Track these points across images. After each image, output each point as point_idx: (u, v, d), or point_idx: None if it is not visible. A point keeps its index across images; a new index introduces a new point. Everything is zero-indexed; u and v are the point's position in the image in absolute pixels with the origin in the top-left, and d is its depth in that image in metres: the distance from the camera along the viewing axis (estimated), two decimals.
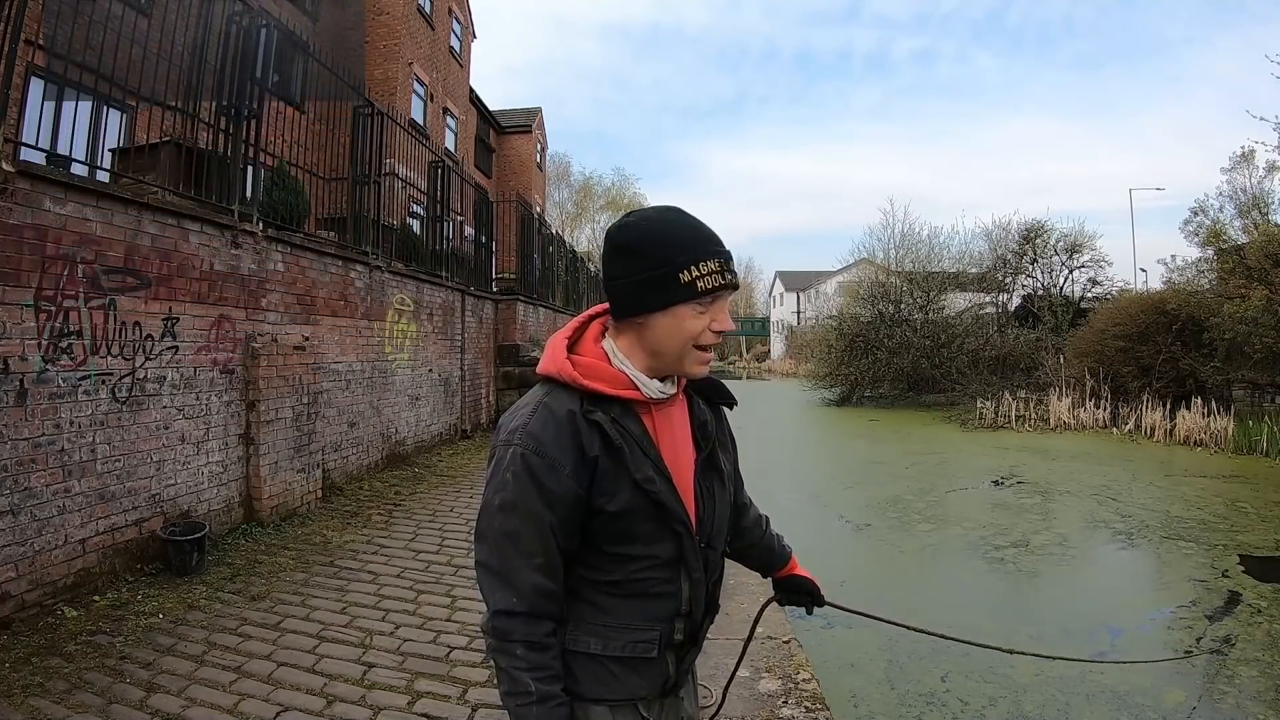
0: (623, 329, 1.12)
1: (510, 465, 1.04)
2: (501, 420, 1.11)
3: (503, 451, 1.06)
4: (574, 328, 1.17)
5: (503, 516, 1.04)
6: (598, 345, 1.13)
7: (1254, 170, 21.75)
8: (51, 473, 3.49)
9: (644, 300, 1.07)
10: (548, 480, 1.03)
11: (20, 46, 3.41)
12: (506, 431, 1.07)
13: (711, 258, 1.07)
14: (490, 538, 1.06)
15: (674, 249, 1.06)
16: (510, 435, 1.06)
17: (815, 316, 33.92)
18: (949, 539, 6.69)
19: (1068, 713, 3.51)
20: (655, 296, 1.06)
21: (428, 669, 3.01)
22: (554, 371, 1.09)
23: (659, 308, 1.07)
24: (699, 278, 1.05)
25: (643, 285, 1.06)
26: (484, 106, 23.87)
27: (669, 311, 1.07)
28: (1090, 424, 13.97)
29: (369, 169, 7.25)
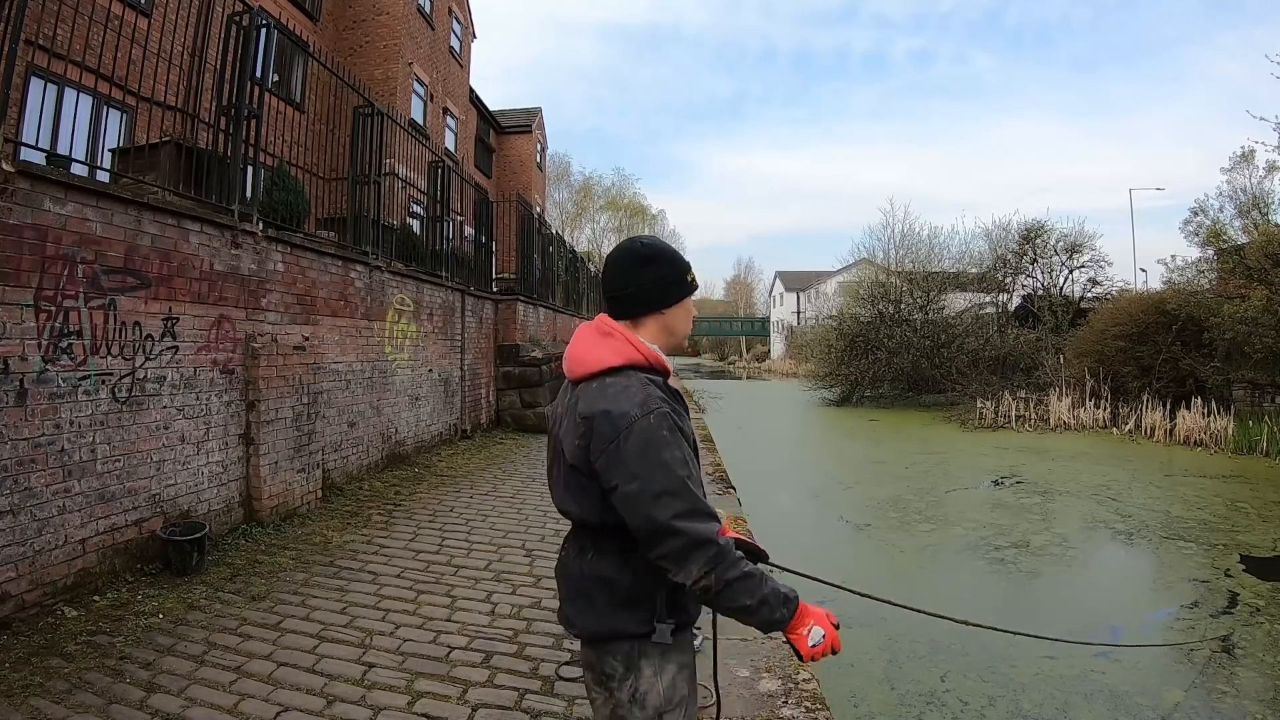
0: (645, 322, 1.48)
1: (660, 426, 1.31)
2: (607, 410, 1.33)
3: (645, 423, 1.30)
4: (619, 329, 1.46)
5: (682, 469, 1.31)
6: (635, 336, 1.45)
7: (1254, 170, 21.79)
8: (51, 473, 3.49)
9: (669, 295, 1.48)
10: (685, 428, 1.38)
11: (20, 46, 3.40)
12: (633, 408, 1.32)
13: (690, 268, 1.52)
14: (676, 468, 1.30)
15: (680, 260, 1.51)
16: (643, 408, 1.32)
17: (815, 316, 33.94)
18: (949, 539, 6.69)
19: (1066, 711, 3.51)
20: (677, 292, 1.49)
21: (428, 669, 3.01)
22: (639, 359, 1.41)
23: (678, 300, 1.49)
24: (691, 280, 1.52)
25: (671, 285, 1.48)
26: (484, 106, 23.87)
27: (683, 303, 1.51)
28: (1090, 424, 13.97)
29: (369, 169, 7.25)
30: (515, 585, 4.06)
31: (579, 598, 1.47)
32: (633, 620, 1.41)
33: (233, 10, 5.12)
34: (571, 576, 1.49)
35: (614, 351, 1.40)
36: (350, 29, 15.21)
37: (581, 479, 1.40)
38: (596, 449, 1.33)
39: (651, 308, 1.46)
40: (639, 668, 1.41)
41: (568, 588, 1.51)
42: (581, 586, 1.46)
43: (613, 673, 1.43)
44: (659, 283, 1.46)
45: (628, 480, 1.29)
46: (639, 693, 1.40)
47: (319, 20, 14.35)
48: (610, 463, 1.31)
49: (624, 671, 1.42)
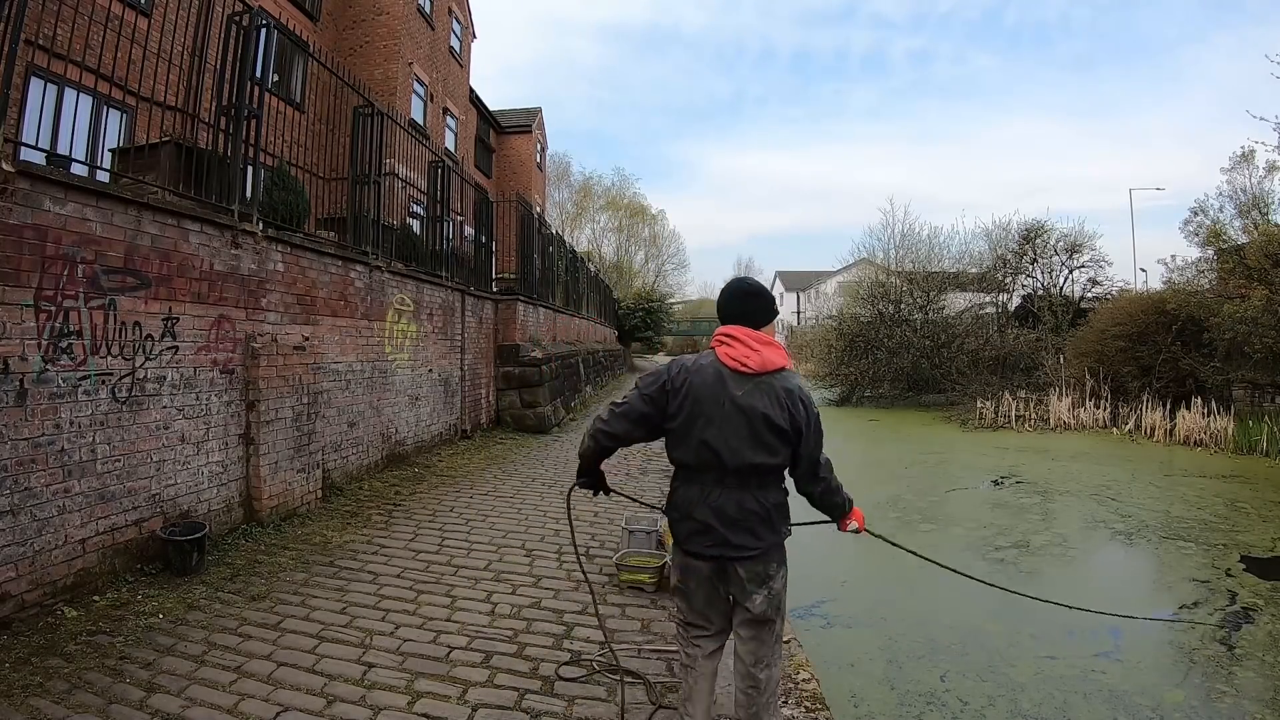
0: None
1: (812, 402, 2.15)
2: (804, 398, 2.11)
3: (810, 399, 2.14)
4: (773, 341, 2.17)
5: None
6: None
7: (1254, 170, 21.78)
8: (51, 473, 3.49)
9: (771, 317, 2.22)
10: None
11: (20, 46, 3.40)
12: (803, 392, 2.13)
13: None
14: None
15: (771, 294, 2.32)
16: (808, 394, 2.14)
17: (815, 316, 33.93)
18: (949, 539, 6.69)
19: (1066, 711, 3.51)
20: (774, 312, 2.28)
21: (428, 669, 3.01)
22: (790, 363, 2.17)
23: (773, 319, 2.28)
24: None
25: (773, 312, 2.27)
26: (484, 106, 23.86)
27: (772, 323, 2.28)
28: (1090, 424, 13.97)
29: (369, 169, 7.25)
30: (515, 585, 4.06)
31: (760, 524, 2.09)
32: (785, 530, 2.17)
33: (233, 10, 5.12)
34: (752, 511, 2.08)
35: (783, 356, 2.14)
36: (350, 29, 15.20)
37: (782, 436, 2.07)
38: (801, 419, 2.08)
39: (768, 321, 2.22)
40: (783, 562, 2.17)
41: (741, 522, 2.08)
42: (762, 514, 2.09)
43: (773, 572, 2.12)
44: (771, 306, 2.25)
45: (815, 436, 2.14)
46: (784, 579, 2.18)
47: (319, 20, 14.35)
48: (812, 424, 2.11)
49: (777, 567, 2.14)
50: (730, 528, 2.06)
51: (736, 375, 2.08)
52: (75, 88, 5.39)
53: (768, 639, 2.14)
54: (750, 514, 2.07)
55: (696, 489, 2.12)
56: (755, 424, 2.04)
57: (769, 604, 2.10)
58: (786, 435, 2.06)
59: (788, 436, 2.06)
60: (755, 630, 2.14)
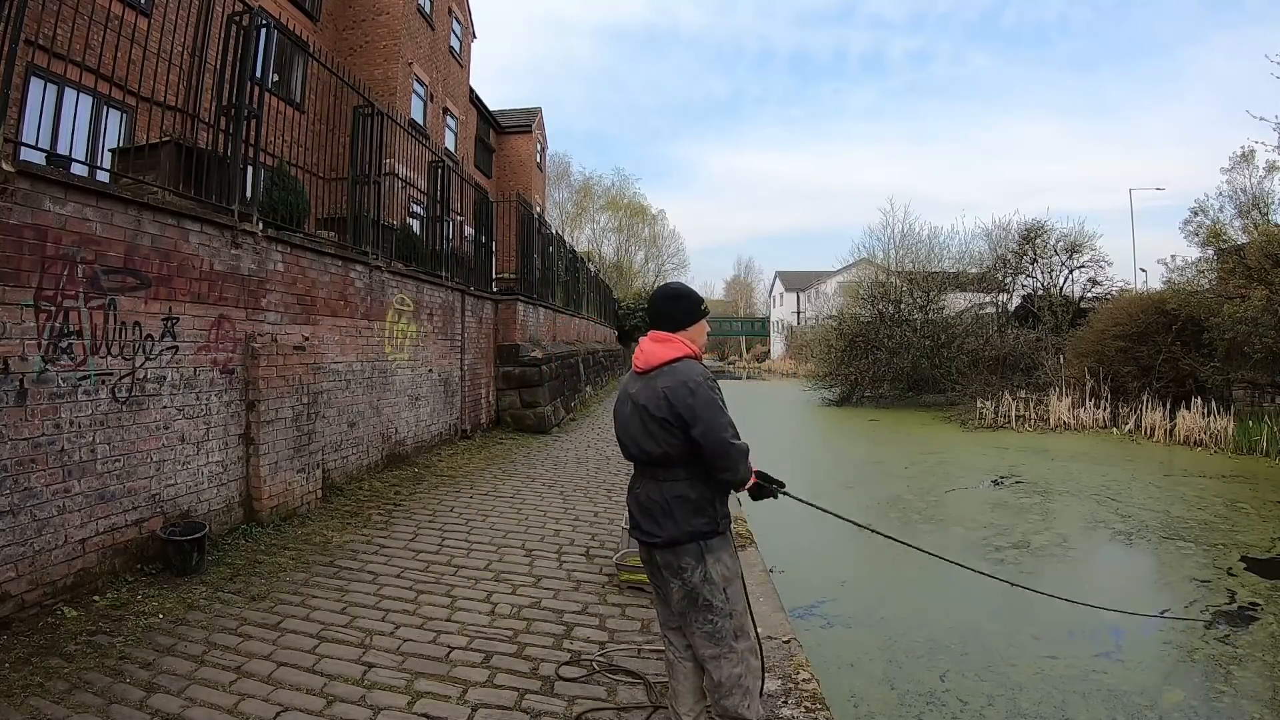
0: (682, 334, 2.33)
1: (710, 385, 2.20)
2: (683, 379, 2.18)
3: (705, 383, 2.19)
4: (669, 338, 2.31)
5: (721, 402, 2.19)
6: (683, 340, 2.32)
7: (1254, 170, 21.80)
8: (51, 473, 3.49)
9: (692, 317, 2.36)
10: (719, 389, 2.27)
11: (20, 46, 3.40)
12: (699, 376, 2.20)
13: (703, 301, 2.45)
14: (724, 411, 2.18)
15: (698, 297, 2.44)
16: (701, 377, 2.20)
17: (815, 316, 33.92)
18: (950, 539, 6.69)
19: (1064, 711, 3.51)
20: (697, 314, 2.38)
21: (428, 669, 3.01)
22: (689, 352, 2.29)
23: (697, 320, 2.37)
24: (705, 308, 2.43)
25: (694, 311, 2.37)
26: (484, 106, 23.86)
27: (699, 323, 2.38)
28: (1090, 424, 13.97)
29: (369, 169, 7.25)
30: (515, 585, 4.06)
31: (662, 515, 2.20)
32: (703, 522, 2.20)
33: (233, 10, 5.12)
34: (654, 500, 2.22)
35: (675, 349, 2.28)
36: (350, 29, 15.21)
37: (664, 426, 2.17)
38: (680, 404, 2.14)
39: (682, 324, 2.34)
40: (704, 557, 2.19)
41: (648, 510, 2.24)
42: (662, 504, 2.20)
43: (686, 565, 2.18)
44: (688, 308, 2.36)
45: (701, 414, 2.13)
46: (707, 575, 2.18)
47: (319, 20, 14.35)
48: (696, 408, 2.13)
49: (693, 561, 2.19)
50: (642, 515, 2.28)
51: (634, 376, 2.37)
52: (75, 88, 5.39)
53: (697, 630, 2.22)
54: (654, 503, 2.24)
55: (632, 481, 2.42)
56: (643, 417, 2.24)
57: (686, 595, 2.20)
58: (669, 425, 2.18)
59: (670, 427, 2.18)
60: (682, 620, 2.27)
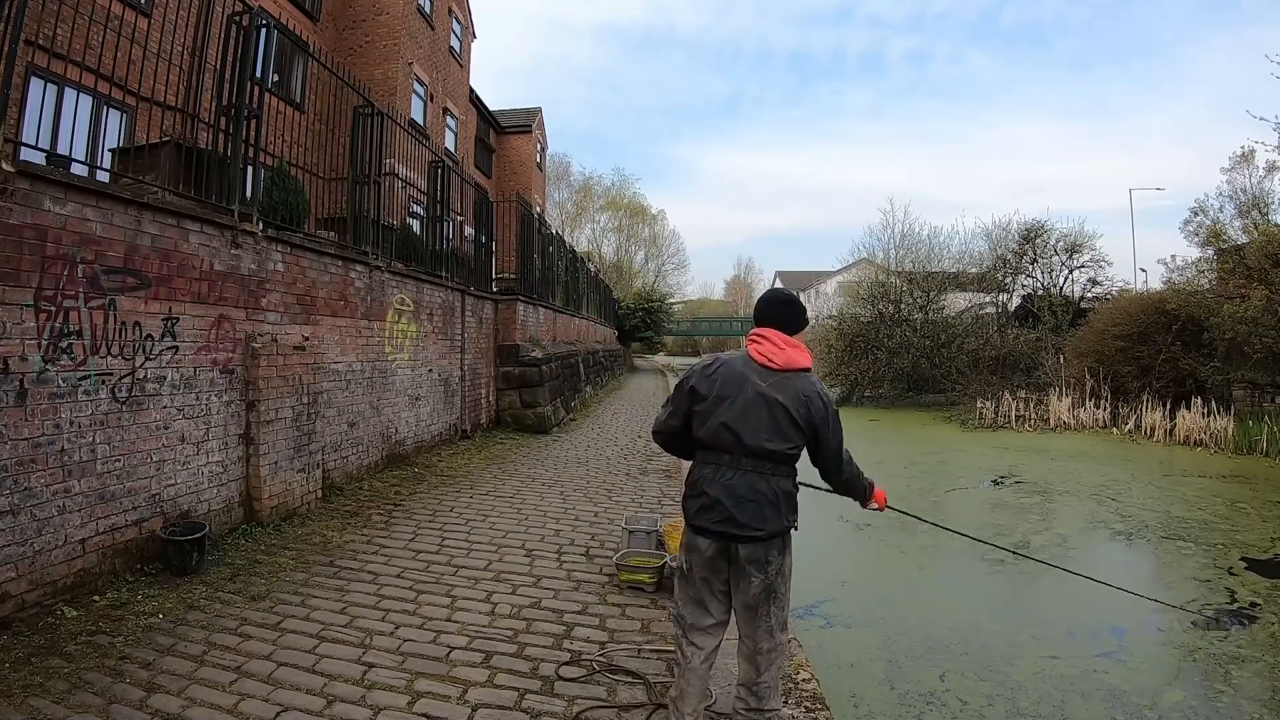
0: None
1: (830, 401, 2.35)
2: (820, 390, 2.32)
3: (828, 398, 2.34)
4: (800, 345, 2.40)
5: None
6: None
7: (1254, 170, 21.78)
8: (51, 473, 3.49)
9: (802, 326, 2.46)
10: None
11: (20, 46, 3.40)
12: (822, 392, 2.33)
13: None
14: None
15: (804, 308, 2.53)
16: (827, 394, 2.35)
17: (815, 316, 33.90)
18: (950, 540, 6.68)
19: (1063, 710, 3.51)
20: (804, 324, 2.48)
21: (428, 669, 3.01)
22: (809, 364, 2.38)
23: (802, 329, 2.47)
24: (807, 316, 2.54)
25: (804, 321, 2.48)
26: (484, 106, 23.86)
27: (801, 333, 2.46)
28: (1090, 424, 13.97)
29: (369, 169, 7.24)
30: (515, 585, 4.06)
31: (767, 506, 2.23)
32: (794, 519, 2.31)
33: (233, 10, 5.12)
34: (761, 493, 2.24)
35: (807, 359, 2.37)
36: (350, 29, 15.21)
37: (796, 427, 2.25)
38: (818, 416, 2.28)
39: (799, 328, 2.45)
40: (786, 550, 2.30)
41: (749, 502, 2.23)
42: (770, 498, 2.24)
43: (771, 559, 2.24)
44: (800, 316, 2.47)
45: (834, 431, 2.33)
46: (784, 569, 2.28)
47: (319, 20, 14.35)
48: (830, 421, 2.30)
49: (778, 555, 2.26)
50: (738, 506, 2.22)
51: (762, 369, 2.31)
52: (75, 88, 5.39)
53: (763, 624, 2.25)
54: (760, 495, 2.22)
55: (711, 468, 2.30)
56: (774, 413, 2.24)
57: (763, 589, 2.23)
58: (800, 428, 2.25)
59: (801, 430, 2.26)
60: (750, 615, 2.27)
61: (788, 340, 2.36)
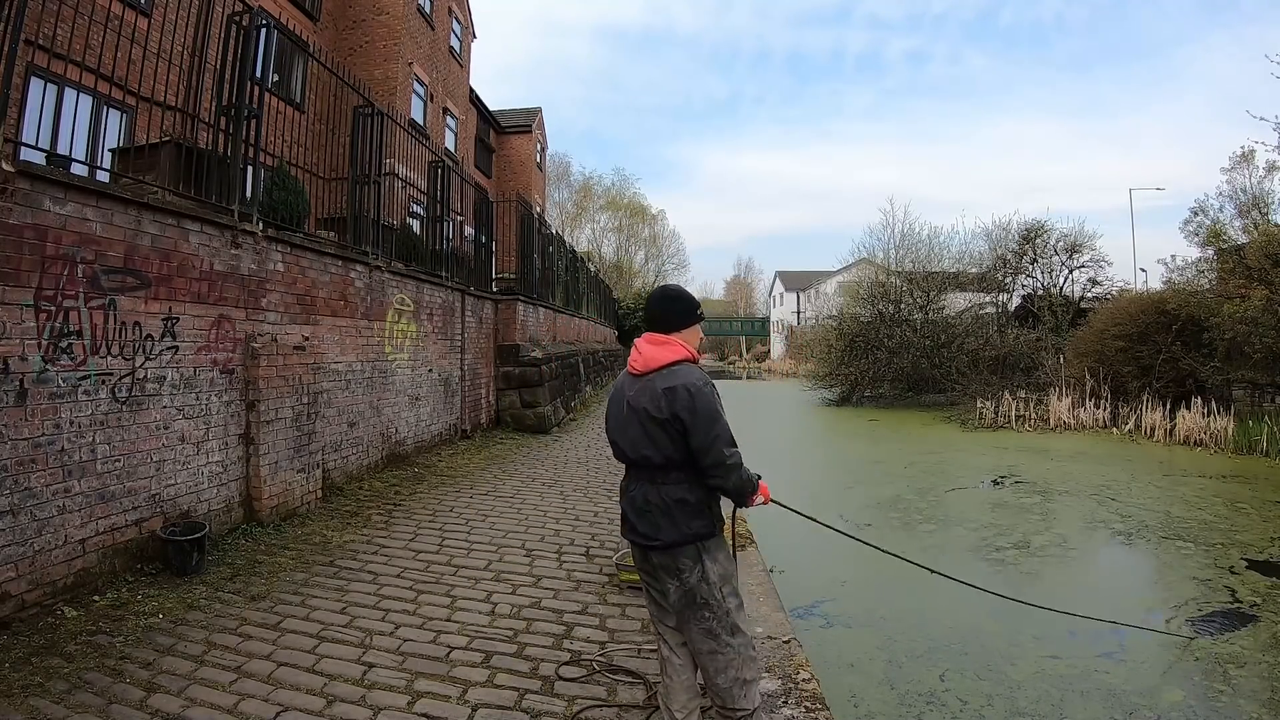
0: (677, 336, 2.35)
1: (710, 391, 2.21)
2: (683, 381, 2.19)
3: (706, 388, 2.20)
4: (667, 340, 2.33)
5: (719, 409, 2.20)
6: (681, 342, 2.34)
7: (1254, 170, 21.78)
8: (51, 473, 3.49)
9: (688, 319, 2.38)
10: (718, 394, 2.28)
11: (20, 46, 3.40)
12: (700, 381, 2.21)
13: (699, 305, 2.47)
14: (721, 419, 2.18)
15: (694, 300, 2.45)
16: (702, 382, 2.21)
17: (815, 316, 33.91)
18: (950, 540, 6.69)
19: (1062, 709, 3.51)
20: (693, 318, 2.40)
21: (428, 669, 3.01)
22: (687, 355, 2.31)
23: (692, 324, 2.40)
24: (700, 313, 2.45)
25: (689, 314, 2.39)
26: (484, 106, 23.87)
27: (695, 326, 2.41)
28: (1090, 424, 13.96)
29: (369, 169, 7.25)
30: (515, 585, 4.06)
31: (661, 517, 2.21)
32: (701, 524, 2.22)
33: (233, 10, 5.12)
34: (651, 503, 2.22)
35: (674, 352, 2.29)
36: (350, 29, 15.21)
37: (664, 428, 2.18)
38: (680, 408, 2.15)
39: (678, 327, 2.35)
40: (702, 558, 2.22)
41: (645, 512, 2.24)
42: (662, 507, 2.21)
43: (684, 566, 2.21)
44: (683, 311, 2.38)
45: (701, 423, 2.15)
46: (705, 576, 2.22)
47: (319, 20, 14.35)
48: (695, 413, 2.14)
49: (691, 563, 2.21)
50: (639, 517, 2.27)
51: (631, 378, 2.35)
52: (75, 88, 5.39)
53: (696, 628, 2.24)
54: (653, 505, 2.23)
55: (626, 481, 2.39)
56: (641, 420, 2.24)
57: (683, 596, 2.23)
58: (668, 428, 2.18)
59: (670, 429, 2.18)
60: (681, 619, 2.29)
61: (655, 339, 2.33)
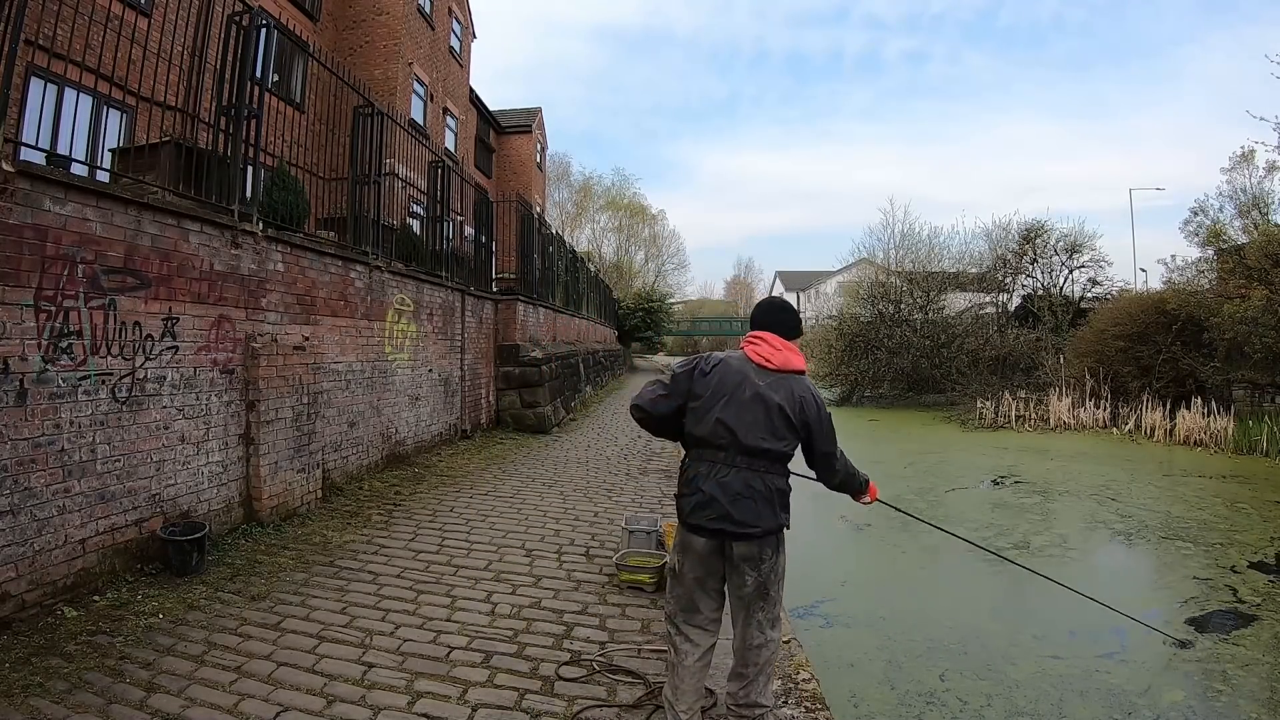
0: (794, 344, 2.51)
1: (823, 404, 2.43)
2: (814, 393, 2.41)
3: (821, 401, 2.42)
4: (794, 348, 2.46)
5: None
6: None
7: (1254, 170, 21.73)
8: (51, 473, 3.49)
9: (800, 332, 2.54)
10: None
11: (20, 46, 3.40)
12: (820, 396, 2.44)
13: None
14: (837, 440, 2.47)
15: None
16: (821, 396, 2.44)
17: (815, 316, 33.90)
18: (950, 540, 6.68)
19: (1061, 708, 3.52)
20: (800, 331, 2.54)
21: (428, 669, 3.01)
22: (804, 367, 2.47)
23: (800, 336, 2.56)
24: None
25: (799, 327, 2.55)
26: (484, 106, 23.86)
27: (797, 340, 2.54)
28: (1090, 424, 13.97)
29: (369, 169, 7.24)
30: (515, 585, 4.06)
31: (763, 503, 2.27)
32: (787, 517, 2.34)
33: (233, 10, 5.12)
34: (756, 491, 2.27)
35: (802, 362, 2.46)
36: (350, 29, 15.20)
37: (790, 427, 2.31)
38: (812, 417, 2.34)
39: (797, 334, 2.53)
40: (780, 549, 2.34)
41: (744, 499, 2.26)
42: (766, 495, 2.28)
43: (765, 556, 2.28)
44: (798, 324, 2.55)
45: (827, 433, 2.40)
46: (777, 566, 2.32)
47: (319, 20, 14.35)
48: (823, 424, 2.37)
49: (771, 552, 2.30)
50: (734, 503, 2.25)
51: (760, 369, 2.37)
52: (75, 88, 5.39)
53: (755, 621, 2.31)
54: (755, 492, 2.26)
55: (706, 465, 2.33)
56: (771, 412, 2.29)
57: (756, 587, 2.28)
58: (794, 427, 2.32)
59: (795, 429, 2.32)
60: (744, 612, 2.33)
61: (785, 343, 2.43)
